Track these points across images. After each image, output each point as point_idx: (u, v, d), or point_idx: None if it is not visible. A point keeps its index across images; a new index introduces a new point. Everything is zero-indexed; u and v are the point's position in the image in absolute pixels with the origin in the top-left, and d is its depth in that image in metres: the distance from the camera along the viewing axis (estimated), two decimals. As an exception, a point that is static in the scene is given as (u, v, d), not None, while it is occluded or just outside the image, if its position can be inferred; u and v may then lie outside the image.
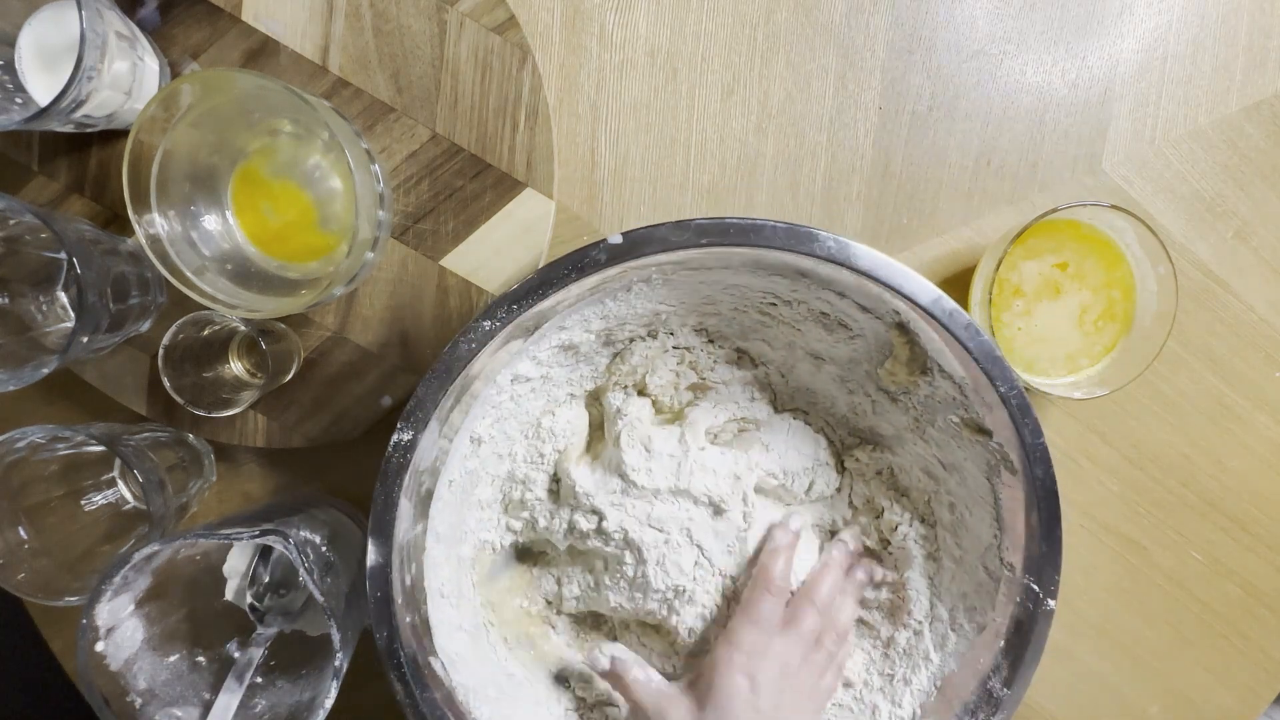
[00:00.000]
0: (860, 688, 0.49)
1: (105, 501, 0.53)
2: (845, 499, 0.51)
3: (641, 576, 0.47)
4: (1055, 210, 0.49)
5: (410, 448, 0.40)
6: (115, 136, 0.51)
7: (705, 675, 0.43)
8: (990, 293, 0.49)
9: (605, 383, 0.50)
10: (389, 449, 0.39)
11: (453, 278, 0.53)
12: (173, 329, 0.49)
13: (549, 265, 0.39)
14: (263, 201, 0.49)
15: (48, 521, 0.48)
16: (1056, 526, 0.42)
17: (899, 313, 0.43)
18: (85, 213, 0.52)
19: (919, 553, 0.49)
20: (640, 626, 0.50)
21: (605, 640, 0.50)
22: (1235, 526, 0.59)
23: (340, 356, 0.53)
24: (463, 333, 0.39)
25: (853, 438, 0.51)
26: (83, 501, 0.52)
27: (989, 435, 0.43)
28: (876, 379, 0.47)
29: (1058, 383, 0.53)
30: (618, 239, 0.39)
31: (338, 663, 0.40)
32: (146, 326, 0.52)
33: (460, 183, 0.52)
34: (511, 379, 0.45)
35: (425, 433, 0.40)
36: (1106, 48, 0.56)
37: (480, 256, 0.52)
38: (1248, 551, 0.59)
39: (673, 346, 0.49)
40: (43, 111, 0.43)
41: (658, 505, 0.47)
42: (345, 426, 0.54)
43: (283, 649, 0.47)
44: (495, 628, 0.49)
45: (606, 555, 0.48)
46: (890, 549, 0.50)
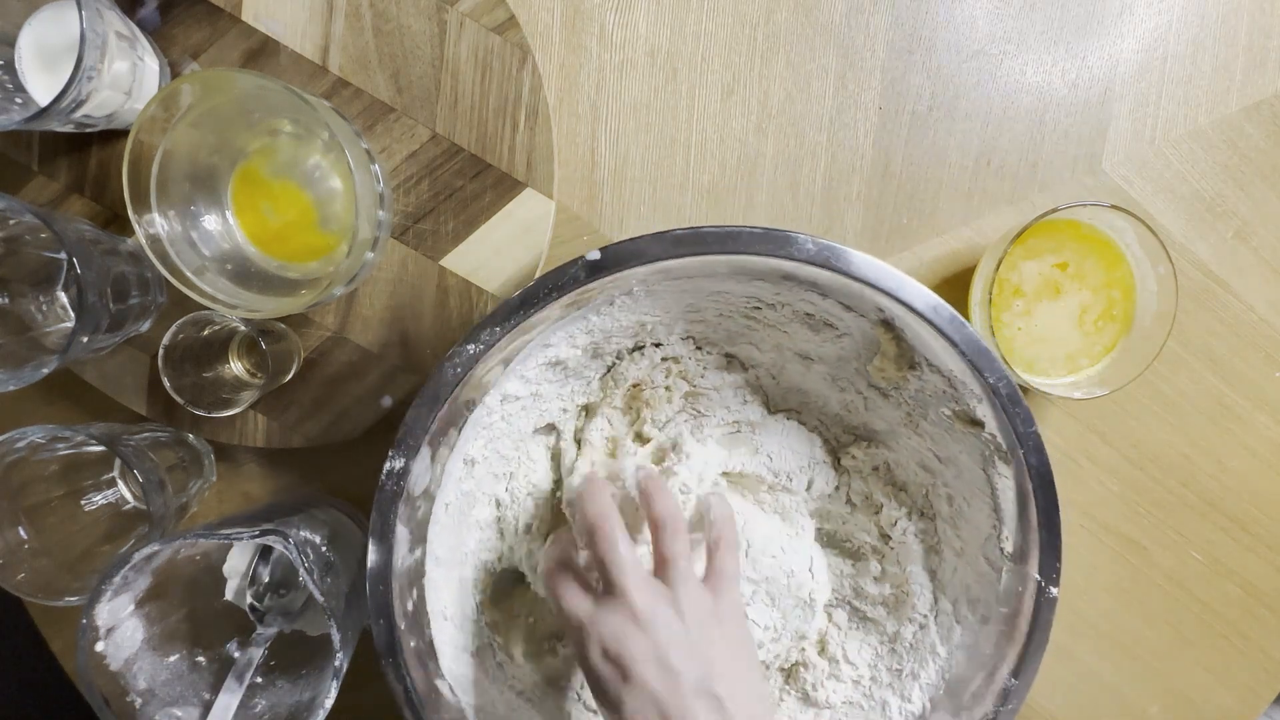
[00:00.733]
0: (868, 684, 0.49)
1: (105, 501, 0.53)
2: (843, 497, 0.51)
3: None
4: (1055, 210, 0.49)
5: (403, 474, 0.40)
6: (115, 136, 0.51)
7: None
8: (990, 293, 0.49)
9: (598, 400, 0.50)
10: (382, 477, 0.40)
11: (453, 278, 0.53)
12: (173, 329, 0.49)
13: (529, 287, 0.40)
14: (263, 201, 0.49)
15: (48, 521, 0.48)
16: (1054, 514, 0.42)
17: (883, 310, 0.43)
18: (85, 213, 0.52)
19: (919, 546, 0.49)
20: None
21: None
22: (1235, 526, 0.59)
23: (340, 356, 0.53)
24: (448, 357, 0.40)
25: (847, 435, 0.52)
26: (83, 501, 0.52)
27: (981, 426, 0.43)
28: (866, 376, 0.48)
29: (1058, 383, 0.53)
30: (596, 255, 0.40)
31: (338, 663, 0.40)
32: (146, 326, 0.52)
33: (460, 183, 0.52)
34: (501, 399, 0.45)
35: (417, 459, 0.40)
36: (1106, 48, 0.56)
37: (480, 256, 0.52)
38: (1248, 551, 0.59)
39: (661, 359, 0.49)
40: (43, 111, 0.43)
41: None
42: (345, 426, 0.54)
43: (283, 649, 0.47)
44: (502, 647, 0.49)
45: None
46: (891, 544, 0.50)
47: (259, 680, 0.45)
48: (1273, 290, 0.57)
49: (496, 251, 0.53)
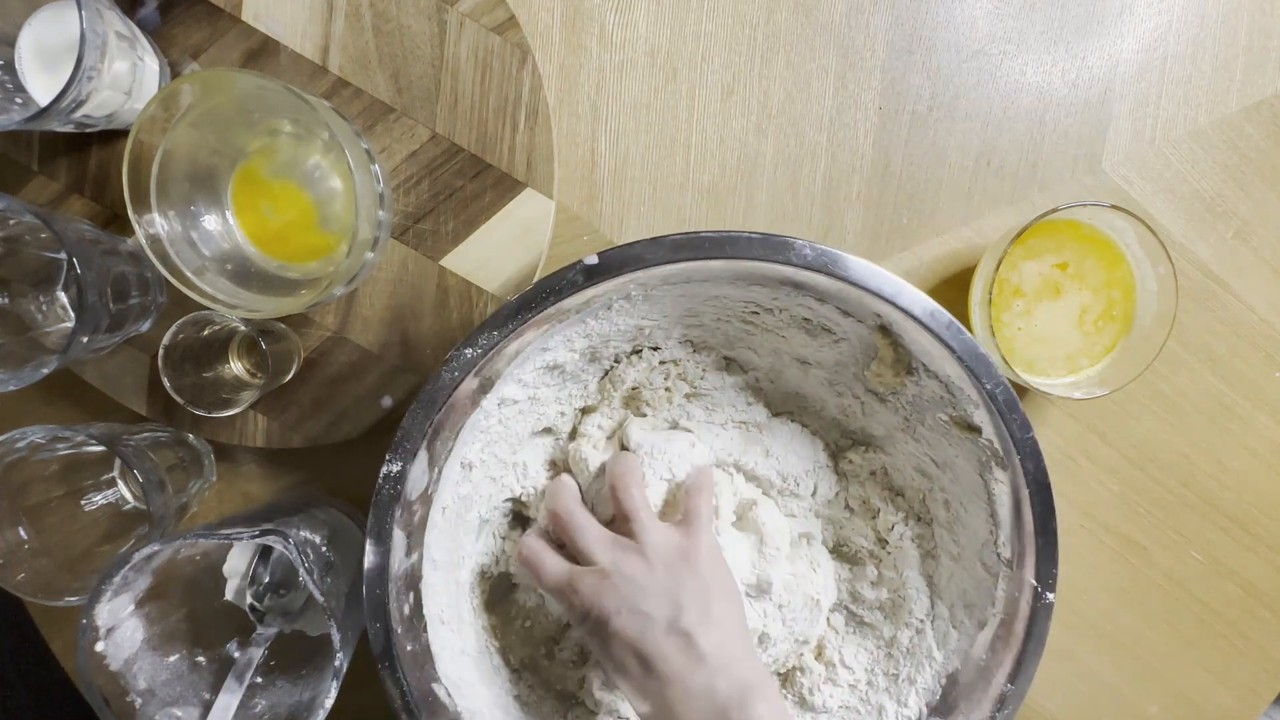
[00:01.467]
0: (865, 688, 0.49)
1: (105, 501, 0.53)
2: (841, 501, 0.51)
3: None
4: (1055, 210, 0.49)
5: (400, 478, 0.40)
6: (115, 136, 0.51)
7: None
8: (990, 293, 0.49)
9: (596, 403, 0.50)
10: (379, 480, 0.40)
11: (453, 278, 0.53)
12: (173, 329, 0.49)
13: (527, 291, 0.40)
14: (263, 201, 0.49)
15: (48, 521, 0.48)
16: (1051, 520, 0.42)
17: (881, 315, 0.43)
18: (85, 213, 0.52)
19: (916, 551, 0.49)
20: None
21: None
22: (1235, 526, 0.59)
23: (340, 356, 0.53)
24: (445, 361, 0.40)
25: (845, 440, 0.52)
26: (83, 501, 0.52)
27: (978, 431, 0.43)
28: (864, 381, 0.47)
29: (1058, 383, 0.53)
30: (593, 260, 0.39)
31: (338, 663, 0.40)
32: (146, 326, 0.52)
33: (460, 183, 0.52)
34: (499, 402, 0.45)
35: (414, 462, 0.40)
36: (1106, 48, 0.56)
37: (480, 256, 0.52)
38: (1248, 551, 0.59)
39: (659, 362, 0.49)
40: (43, 111, 0.43)
41: None
42: (345, 426, 0.54)
43: (283, 649, 0.47)
44: (499, 650, 0.49)
45: None
46: (888, 548, 0.50)
47: (259, 680, 0.45)
48: (1273, 290, 0.57)
49: (497, 251, 0.53)
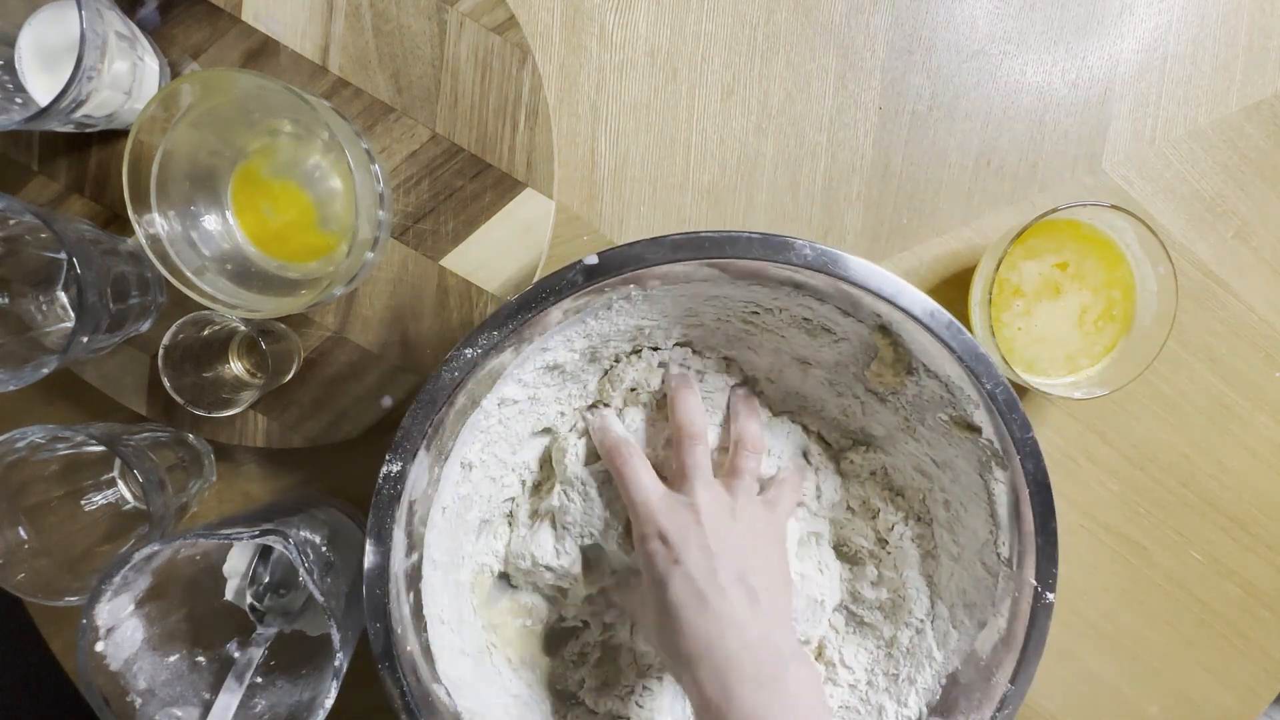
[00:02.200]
0: (865, 688, 0.49)
1: (105, 501, 0.53)
2: (842, 502, 0.51)
3: None
4: (1055, 210, 0.49)
5: (400, 478, 0.40)
6: (115, 136, 0.51)
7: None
8: (990, 293, 0.49)
9: (596, 402, 0.50)
10: (379, 481, 0.40)
11: (453, 278, 0.53)
12: (173, 329, 0.49)
13: (526, 291, 0.40)
14: (263, 201, 0.49)
15: (48, 521, 0.48)
16: (1051, 520, 0.42)
17: (881, 315, 0.43)
18: (85, 213, 0.52)
19: (916, 551, 0.49)
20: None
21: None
22: (1235, 526, 0.59)
23: (340, 356, 0.53)
24: (445, 361, 0.39)
25: (845, 439, 0.51)
26: (83, 501, 0.52)
27: (978, 431, 0.43)
28: (864, 381, 0.47)
29: (1058, 383, 0.53)
30: (593, 260, 0.39)
31: (338, 663, 0.40)
32: (146, 326, 0.52)
33: (460, 183, 0.52)
34: (499, 402, 0.45)
35: (414, 463, 0.40)
36: (1106, 48, 0.56)
37: (480, 256, 0.52)
38: (1248, 551, 0.59)
39: (658, 363, 0.49)
40: (43, 111, 0.43)
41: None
42: (345, 426, 0.54)
43: (283, 649, 0.47)
44: (499, 650, 0.49)
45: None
46: (888, 548, 0.50)
47: (259, 680, 0.45)
48: (1273, 290, 0.57)
49: (497, 251, 0.53)
